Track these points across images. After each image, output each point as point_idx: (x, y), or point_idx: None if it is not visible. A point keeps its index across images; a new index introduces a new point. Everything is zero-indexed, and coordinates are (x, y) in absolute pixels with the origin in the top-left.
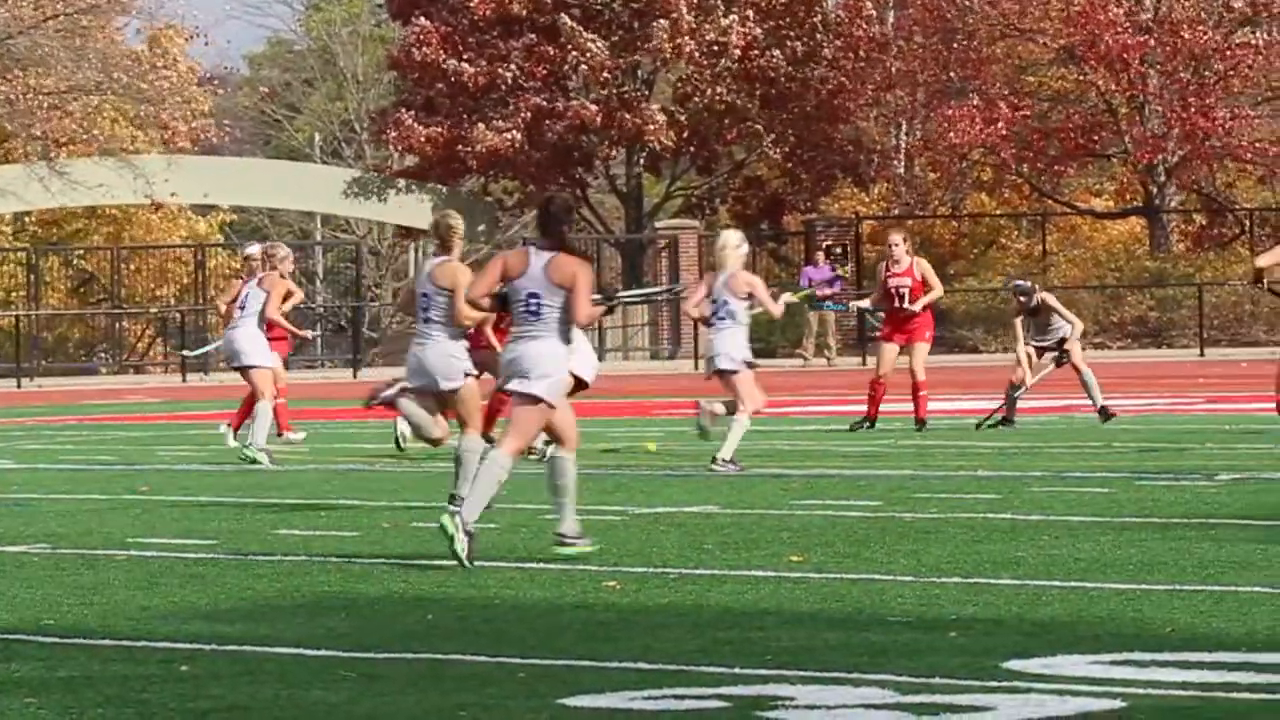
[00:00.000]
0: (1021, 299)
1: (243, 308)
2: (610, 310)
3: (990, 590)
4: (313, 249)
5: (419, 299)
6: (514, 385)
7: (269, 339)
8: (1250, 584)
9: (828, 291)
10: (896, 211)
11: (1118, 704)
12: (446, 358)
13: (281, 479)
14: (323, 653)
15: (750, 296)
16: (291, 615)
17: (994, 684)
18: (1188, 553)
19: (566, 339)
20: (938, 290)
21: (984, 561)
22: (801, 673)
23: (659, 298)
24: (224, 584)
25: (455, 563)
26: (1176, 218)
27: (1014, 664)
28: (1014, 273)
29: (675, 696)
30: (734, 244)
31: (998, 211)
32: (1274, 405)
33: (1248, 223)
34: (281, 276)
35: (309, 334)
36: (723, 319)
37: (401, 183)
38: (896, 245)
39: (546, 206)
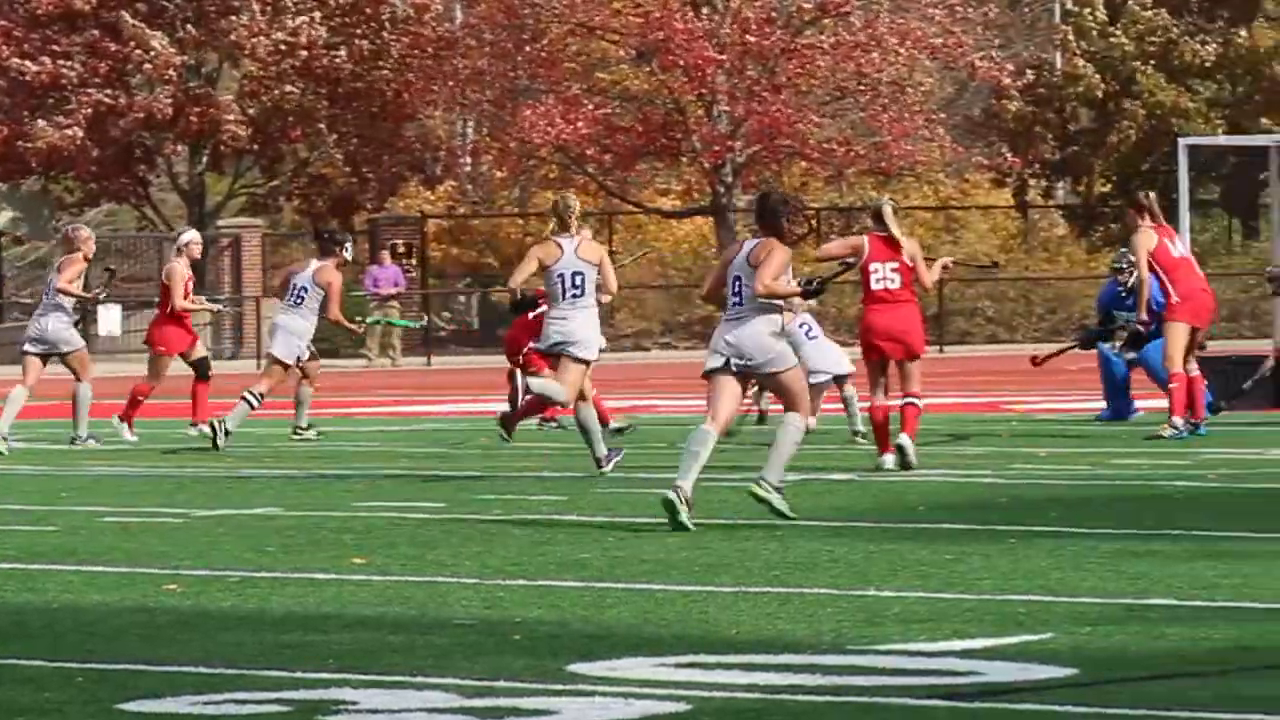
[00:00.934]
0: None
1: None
2: (818, 293)
3: (555, 592)
4: None
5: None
6: (744, 365)
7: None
8: (815, 586)
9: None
10: (462, 210)
11: (683, 706)
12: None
13: None
14: None
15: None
16: None
17: (558, 687)
18: (754, 554)
19: (772, 311)
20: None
21: (549, 563)
22: (364, 676)
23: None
24: None
25: (678, 530)
26: (745, 218)
27: (579, 666)
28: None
29: (235, 701)
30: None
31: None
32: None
33: (816, 222)
34: (86, 259)
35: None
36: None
37: None
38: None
39: (764, 200)
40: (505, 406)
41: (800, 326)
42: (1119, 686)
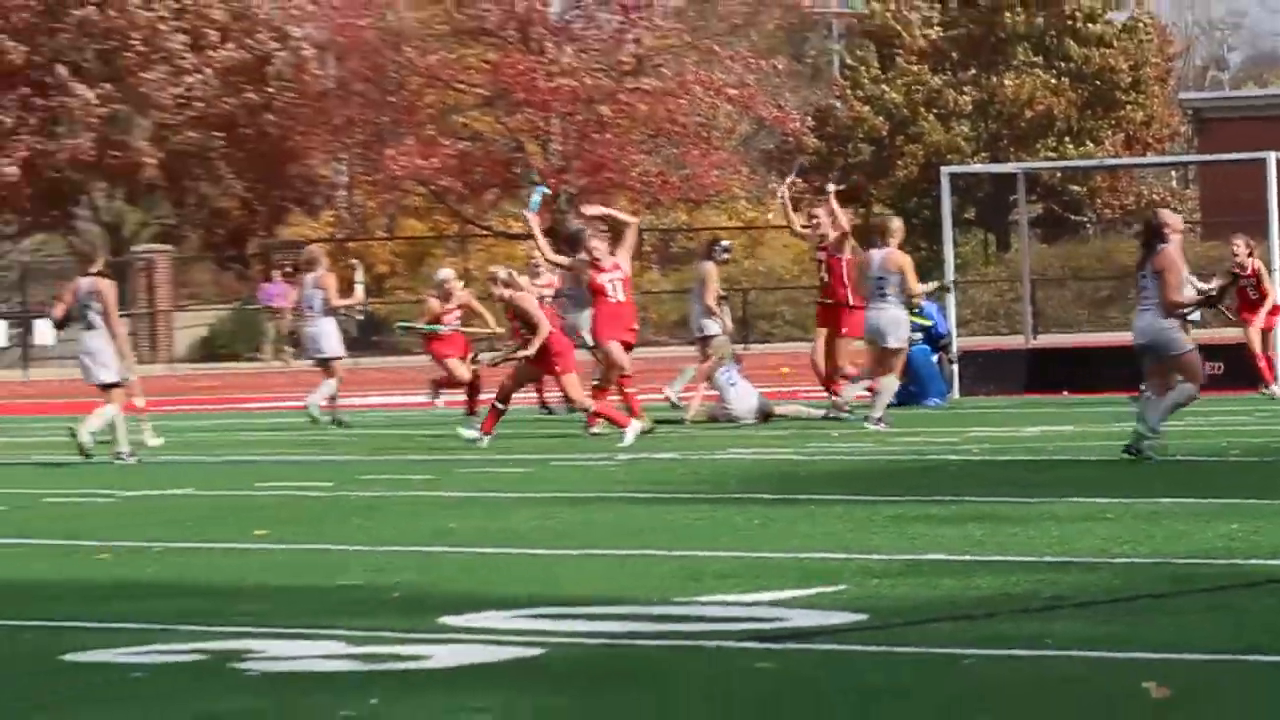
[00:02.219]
0: None
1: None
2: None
3: (429, 558)
4: None
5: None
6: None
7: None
8: (648, 548)
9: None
10: (340, 235)
11: (537, 651)
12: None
13: None
14: None
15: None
16: None
17: (431, 636)
18: (596, 523)
19: (1171, 311)
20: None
21: (424, 532)
22: (268, 629)
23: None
24: None
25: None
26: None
27: (448, 619)
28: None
29: (161, 652)
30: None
31: (428, 234)
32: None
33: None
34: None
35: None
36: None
37: None
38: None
39: (1149, 223)
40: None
41: (724, 374)
42: (903, 629)
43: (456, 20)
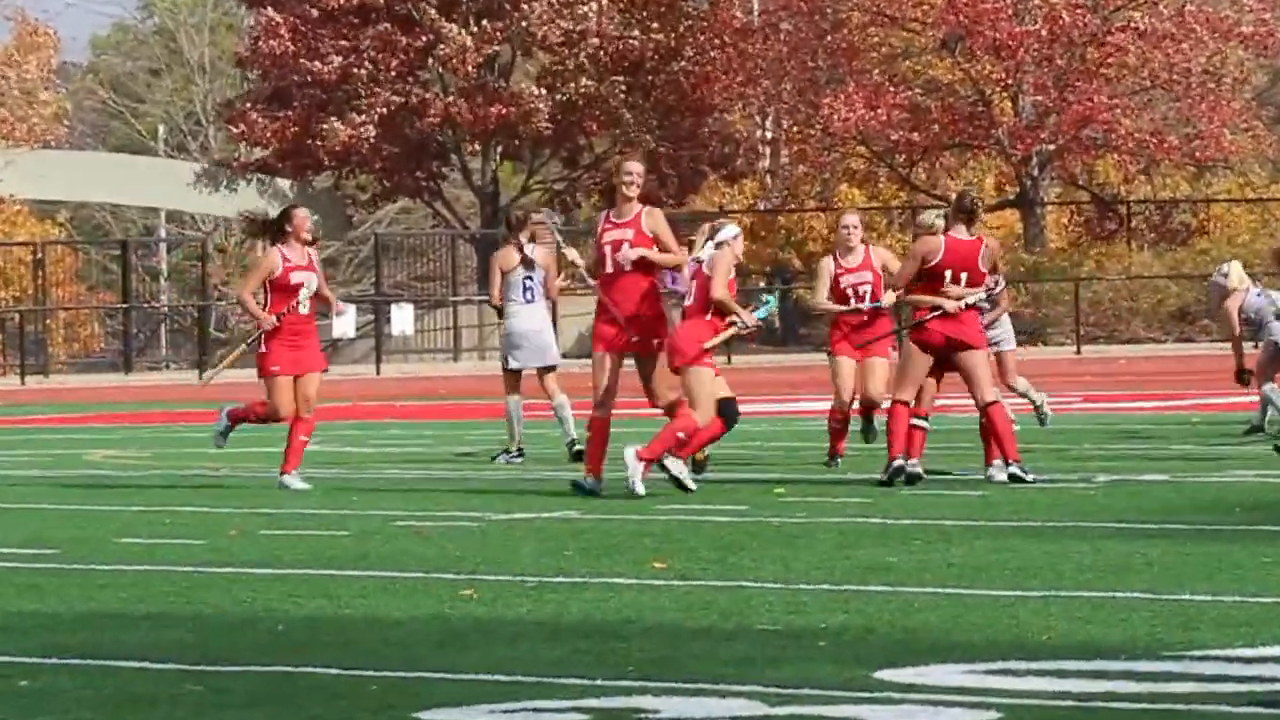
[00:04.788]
0: None
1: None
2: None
3: (860, 597)
4: (156, 245)
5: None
6: None
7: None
8: (1128, 589)
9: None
10: (763, 206)
11: (993, 715)
12: None
13: (126, 485)
14: (168, 666)
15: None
16: (134, 627)
17: (865, 694)
18: (1064, 557)
19: None
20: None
21: (854, 568)
22: (665, 684)
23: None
24: (64, 595)
25: None
26: (1055, 211)
27: (885, 674)
28: None
29: (534, 710)
30: None
31: (872, 204)
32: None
33: (1126, 216)
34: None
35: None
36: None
37: (250, 177)
38: (851, 229)
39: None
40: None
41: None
42: None
43: None
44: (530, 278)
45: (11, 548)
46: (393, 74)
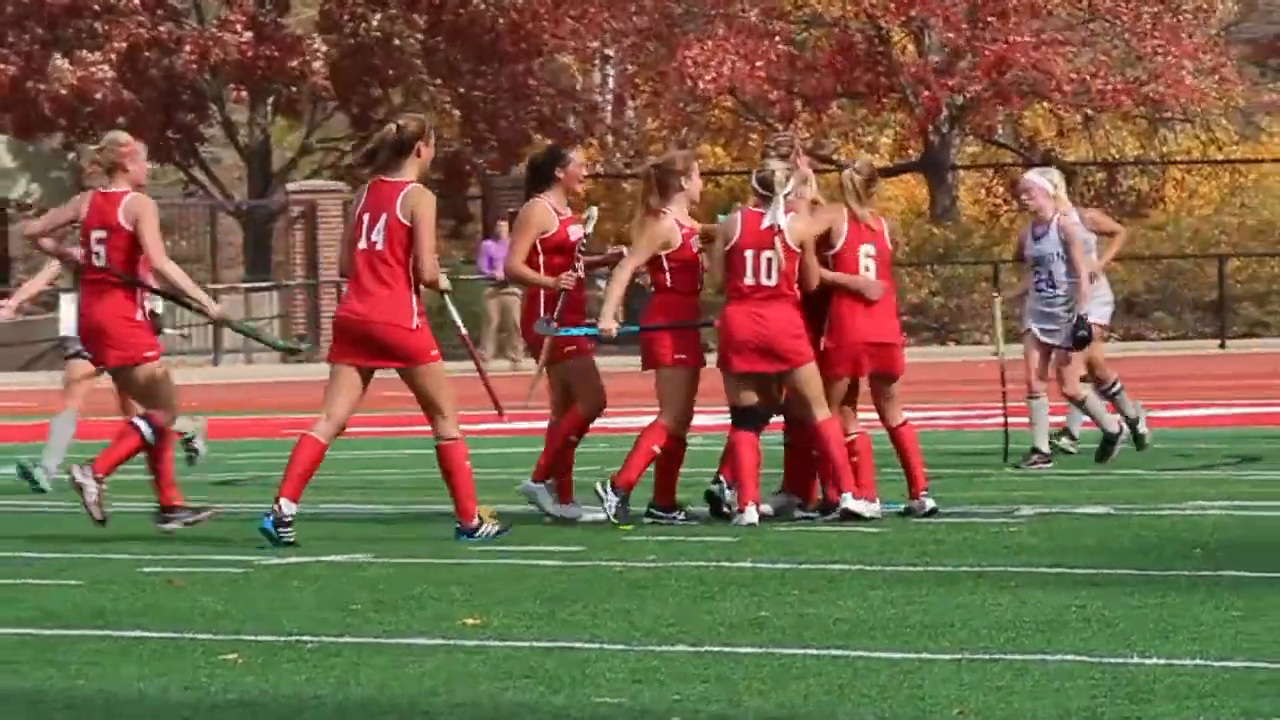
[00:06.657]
0: None
1: None
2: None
3: (724, 661)
4: None
5: None
6: None
7: None
8: (1061, 651)
9: None
10: (600, 169)
11: None
12: None
13: None
14: None
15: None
16: None
17: None
18: (981, 611)
19: None
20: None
21: (716, 624)
22: None
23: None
24: None
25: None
26: (968, 175)
27: None
28: None
29: None
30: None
31: (738, 168)
32: None
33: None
34: None
35: None
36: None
37: None
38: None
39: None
40: None
41: None
42: None
43: None
44: None
45: None
46: (137, 3)
